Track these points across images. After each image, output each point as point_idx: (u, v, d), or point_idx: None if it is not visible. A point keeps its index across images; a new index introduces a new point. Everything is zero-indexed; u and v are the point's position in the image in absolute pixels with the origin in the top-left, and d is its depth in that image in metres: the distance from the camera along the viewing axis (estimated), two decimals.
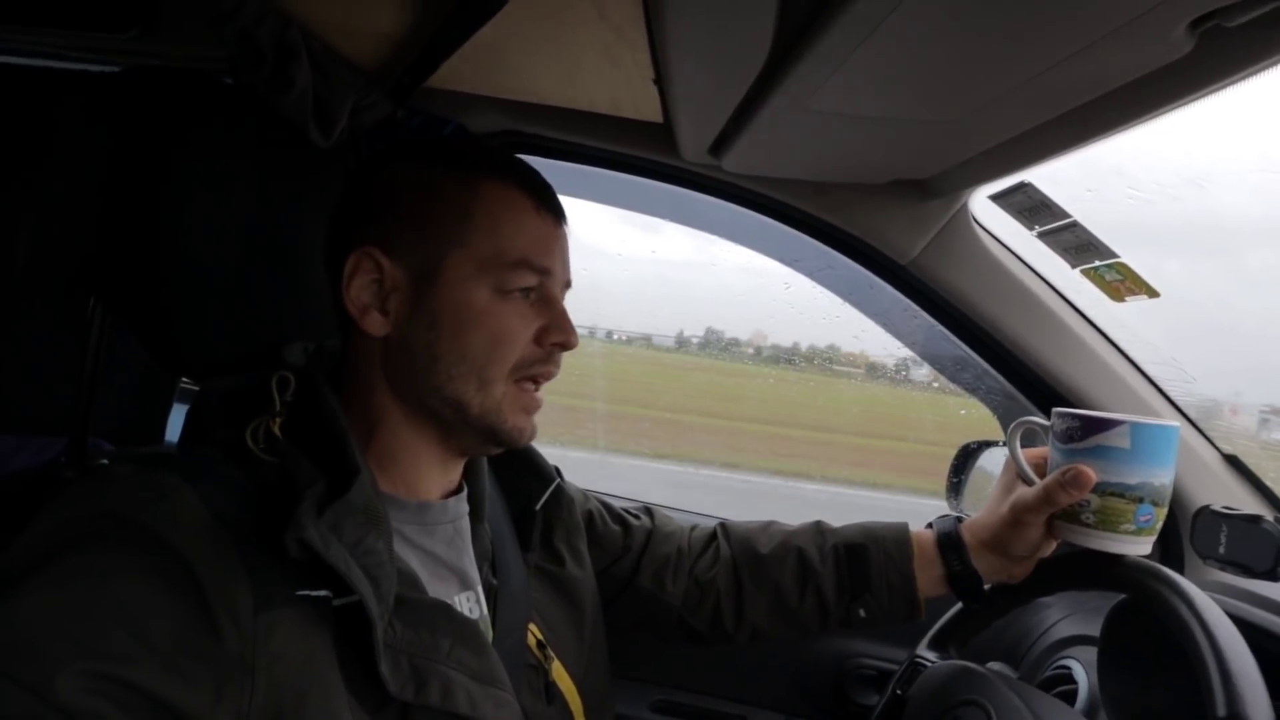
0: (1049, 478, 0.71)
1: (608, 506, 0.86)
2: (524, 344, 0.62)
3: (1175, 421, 0.69)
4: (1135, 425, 0.67)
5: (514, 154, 0.67)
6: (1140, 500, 0.67)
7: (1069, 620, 1.00)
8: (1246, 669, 0.56)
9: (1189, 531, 0.85)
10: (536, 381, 0.64)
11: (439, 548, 0.63)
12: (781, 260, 1.13)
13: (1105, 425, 0.68)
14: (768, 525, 0.86)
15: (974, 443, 1.07)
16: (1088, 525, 0.69)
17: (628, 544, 0.84)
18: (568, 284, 0.67)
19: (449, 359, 0.60)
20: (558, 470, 0.79)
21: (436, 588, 0.60)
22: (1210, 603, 0.61)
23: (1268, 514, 0.78)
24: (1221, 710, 0.54)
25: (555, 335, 0.63)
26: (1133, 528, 0.68)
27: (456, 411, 0.61)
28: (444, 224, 0.60)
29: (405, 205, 0.61)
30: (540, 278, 0.62)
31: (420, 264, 0.60)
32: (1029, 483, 0.75)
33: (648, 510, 0.89)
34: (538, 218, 0.63)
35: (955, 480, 1.07)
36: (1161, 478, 0.68)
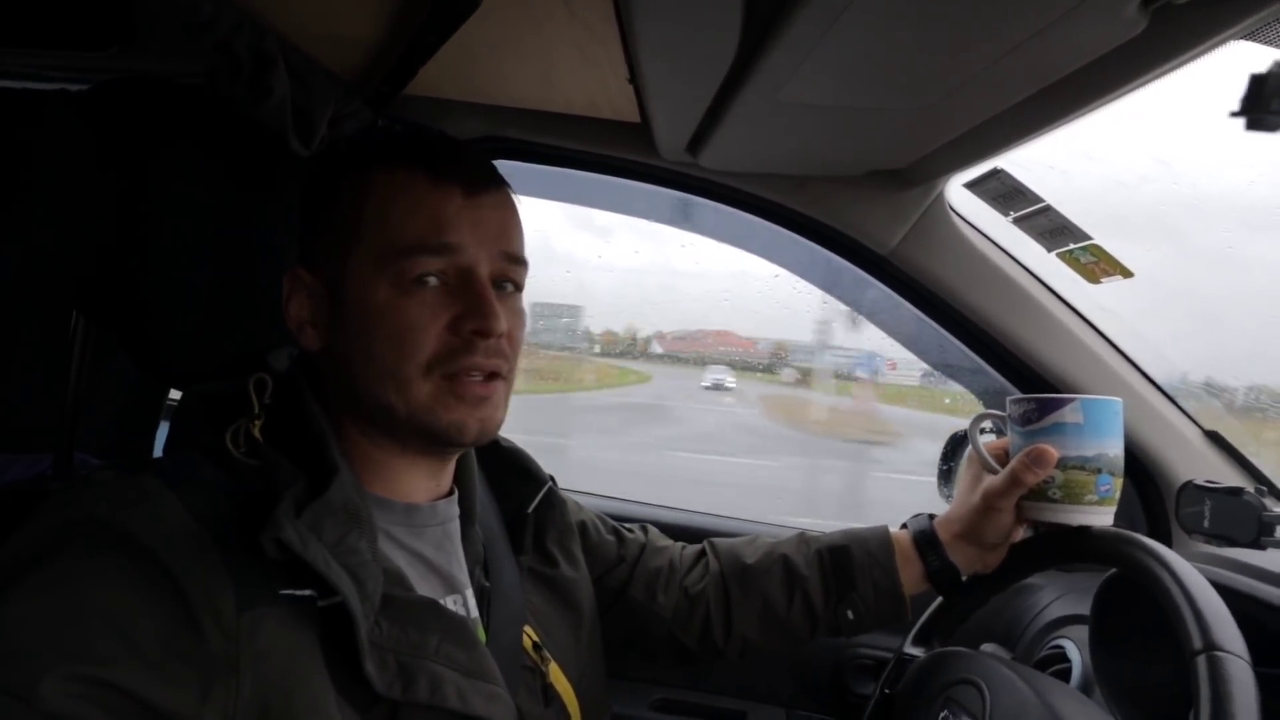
0: (1014, 460, 0.73)
1: (602, 518, 0.86)
2: (434, 336, 0.57)
3: (1119, 398, 0.73)
4: (1086, 401, 0.71)
5: (481, 150, 0.65)
6: (1099, 471, 0.71)
7: (1061, 601, 1.01)
8: (1215, 604, 0.58)
9: (1174, 507, 0.86)
10: (470, 374, 0.58)
11: (427, 550, 0.63)
12: (763, 256, 1.14)
13: (1059, 404, 0.72)
14: (754, 539, 0.87)
15: (961, 432, 1.08)
16: (1055, 501, 0.72)
17: (621, 555, 0.84)
18: (509, 257, 0.60)
19: (359, 363, 0.58)
20: (550, 476, 0.80)
21: (423, 589, 0.60)
22: (1177, 555, 0.63)
23: (1249, 486, 0.80)
24: (1197, 643, 0.55)
25: (469, 322, 0.56)
26: (1095, 498, 0.71)
27: (386, 416, 0.58)
28: (342, 226, 0.59)
29: (314, 216, 0.62)
30: (444, 259, 0.57)
31: (331, 272, 0.59)
32: (992, 471, 0.77)
33: (643, 526, 0.90)
34: (435, 193, 0.57)
35: (945, 468, 1.08)
36: (1115, 448, 0.72)
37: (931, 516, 0.82)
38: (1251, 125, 0.56)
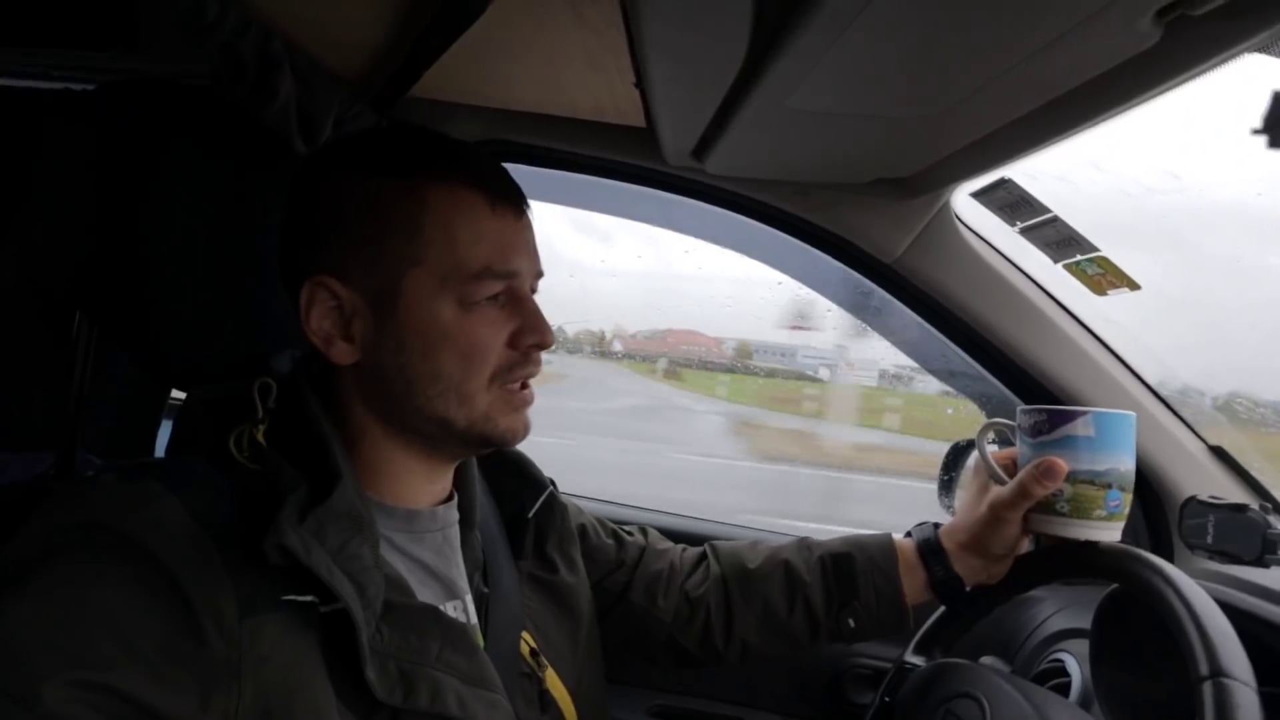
0: (1023, 471, 0.72)
1: (601, 522, 0.86)
2: (498, 351, 0.60)
3: (1132, 412, 0.72)
4: (1099, 414, 0.70)
5: (471, 148, 0.63)
6: (1110, 486, 0.70)
7: (1061, 614, 1.00)
8: (1223, 629, 0.57)
9: (1177, 522, 0.86)
10: (523, 383, 0.63)
11: (427, 555, 0.63)
12: (767, 262, 1.14)
13: (1070, 416, 0.71)
14: (755, 543, 0.87)
15: (964, 441, 1.07)
16: (1062, 514, 0.71)
17: (621, 558, 0.83)
18: (539, 275, 0.64)
19: (423, 381, 0.58)
20: (551, 480, 0.79)
21: (424, 595, 0.60)
22: (1184, 575, 0.62)
23: (1253, 502, 0.79)
24: (1203, 669, 0.55)
25: (530, 337, 0.61)
26: (1104, 513, 0.70)
27: (442, 428, 0.60)
28: (395, 241, 0.57)
29: (351, 225, 0.58)
30: (506, 282, 0.60)
31: (377, 286, 0.58)
32: (1000, 482, 0.76)
33: (642, 529, 0.89)
34: (494, 217, 0.59)
35: (946, 478, 1.07)
36: (1126, 463, 0.71)
37: (936, 525, 0.82)
38: (1274, 143, 0.56)
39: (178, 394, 0.77)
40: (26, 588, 0.45)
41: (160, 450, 0.98)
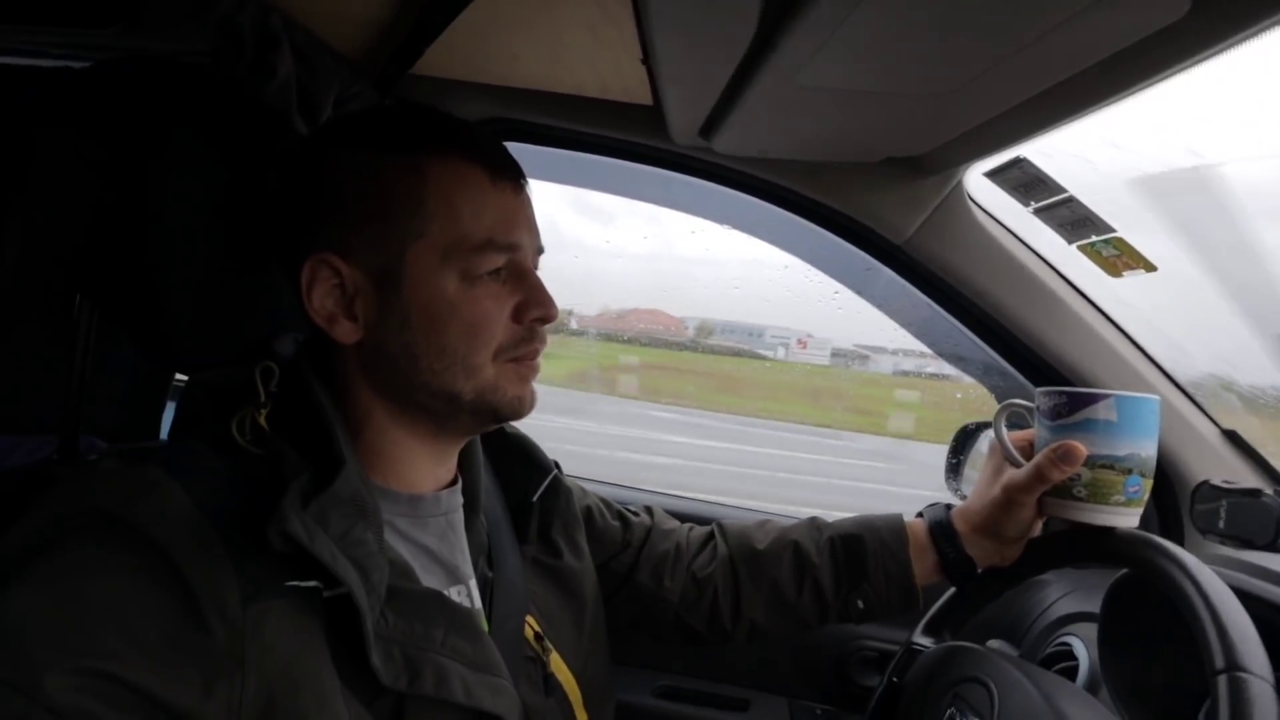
0: (1040, 454, 0.71)
1: (607, 503, 0.86)
2: (502, 325, 0.60)
3: (1156, 395, 0.70)
4: (1121, 398, 0.68)
5: (490, 133, 0.63)
6: (1129, 471, 0.68)
7: (1069, 598, 1.00)
8: (1241, 622, 0.56)
9: (1188, 507, 0.85)
10: (530, 356, 0.62)
11: (430, 540, 0.63)
12: (775, 244, 1.12)
13: (1092, 399, 0.69)
14: (764, 523, 0.86)
15: (973, 424, 1.06)
16: (1079, 499, 0.69)
17: (627, 539, 0.83)
18: (539, 250, 0.64)
19: (429, 356, 0.58)
20: (556, 463, 0.79)
21: (427, 581, 0.60)
22: (1202, 564, 0.61)
23: (1267, 487, 0.78)
24: (1219, 662, 0.54)
25: (534, 310, 0.60)
26: (1123, 499, 0.69)
27: (449, 403, 0.60)
28: (397, 217, 0.57)
29: (352, 203, 0.58)
30: (509, 255, 0.60)
31: (381, 264, 0.57)
32: (1016, 464, 0.75)
33: (648, 509, 0.89)
34: (495, 191, 0.59)
35: (954, 461, 1.06)
36: (1148, 448, 0.69)
37: (948, 507, 0.81)
38: None
39: (183, 375, 0.76)
40: (29, 577, 0.45)
41: (165, 432, 0.98)
